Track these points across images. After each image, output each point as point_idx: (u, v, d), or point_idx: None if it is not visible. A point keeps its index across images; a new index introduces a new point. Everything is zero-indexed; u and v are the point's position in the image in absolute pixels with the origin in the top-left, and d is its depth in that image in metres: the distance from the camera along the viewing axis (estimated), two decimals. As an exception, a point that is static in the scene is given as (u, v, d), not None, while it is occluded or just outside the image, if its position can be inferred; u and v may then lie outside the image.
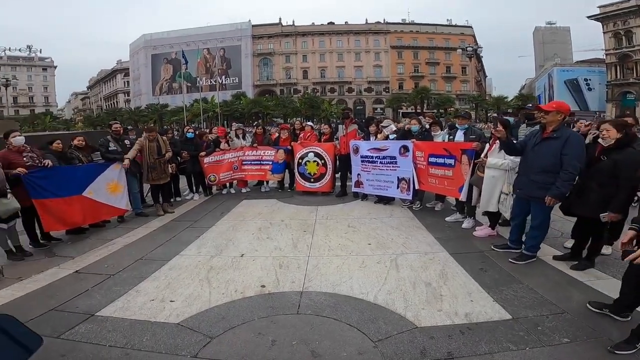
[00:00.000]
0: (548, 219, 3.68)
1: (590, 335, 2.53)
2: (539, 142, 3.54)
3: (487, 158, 4.33)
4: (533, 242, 3.72)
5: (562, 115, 3.47)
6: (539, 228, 3.68)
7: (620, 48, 44.47)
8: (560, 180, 3.35)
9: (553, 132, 3.46)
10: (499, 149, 4.14)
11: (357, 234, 4.85)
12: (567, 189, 3.40)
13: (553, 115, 3.46)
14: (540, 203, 3.49)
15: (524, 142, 3.79)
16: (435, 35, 62.31)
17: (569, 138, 3.37)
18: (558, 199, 3.45)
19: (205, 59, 60.70)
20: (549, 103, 3.72)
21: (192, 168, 7.21)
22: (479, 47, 35.66)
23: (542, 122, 3.59)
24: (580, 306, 2.88)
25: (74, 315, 2.86)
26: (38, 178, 4.48)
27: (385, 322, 2.73)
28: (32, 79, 71.07)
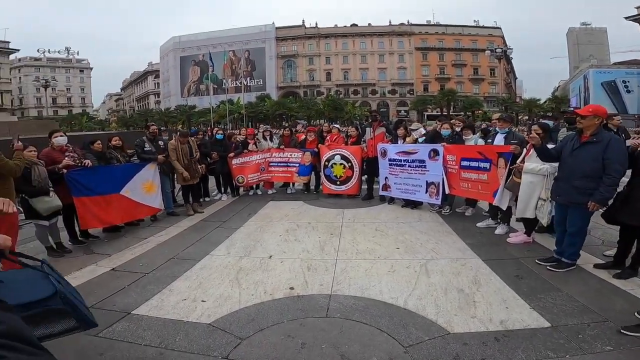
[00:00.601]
0: (587, 225, 3.57)
1: (635, 343, 2.42)
2: (578, 147, 3.44)
3: (525, 163, 4.18)
4: (572, 250, 3.57)
5: (599, 119, 3.39)
6: (577, 234, 3.55)
7: (659, 49, 42.04)
8: (603, 185, 3.24)
9: (592, 136, 3.37)
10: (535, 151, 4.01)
11: (385, 237, 4.80)
12: (611, 194, 3.28)
13: (590, 120, 3.38)
14: (580, 209, 3.38)
15: (560, 147, 3.69)
16: (461, 37, 61.09)
17: (610, 142, 3.27)
18: (602, 204, 3.34)
19: (231, 61, 61.99)
20: (585, 107, 3.62)
21: (221, 169, 7.35)
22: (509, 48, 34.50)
23: (579, 126, 3.50)
24: (624, 314, 2.75)
25: (111, 313, 2.95)
26: (79, 176, 4.69)
27: (416, 327, 2.68)
28: (70, 80, 74.70)
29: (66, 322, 1.79)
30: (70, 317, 1.79)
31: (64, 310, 1.77)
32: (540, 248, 4.29)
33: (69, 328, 1.80)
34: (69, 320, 1.79)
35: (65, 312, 1.77)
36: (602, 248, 4.15)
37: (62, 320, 1.78)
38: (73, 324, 1.81)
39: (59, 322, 1.77)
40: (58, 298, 1.75)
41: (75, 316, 1.80)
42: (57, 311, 1.76)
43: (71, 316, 1.79)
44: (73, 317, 1.79)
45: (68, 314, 1.78)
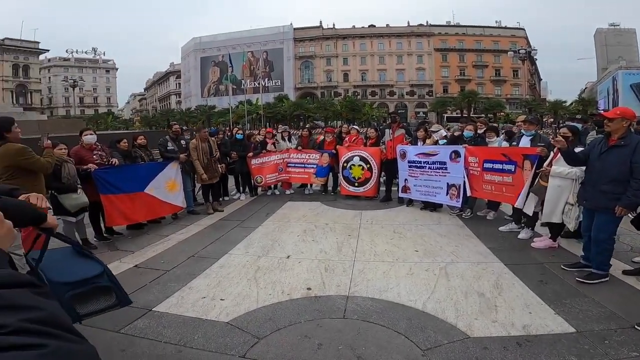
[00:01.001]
0: (614, 232, 3.42)
1: None
2: (605, 150, 3.32)
3: (552, 166, 4.05)
4: (600, 258, 3.40)
5: (627, 121, 3.27)
6: (605, 241, 3.39)
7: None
8: (631, 189, 3.13)
9: (620, 139, 3.25)
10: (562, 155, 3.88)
11: (404, 240, 4.74)
12: (639, 198, 3.15)
13: (617, 122, 3.26)
14: (608, 214, 3.26)
15: (587, 151, 3.57)
16: (483, 38, 59.86)
17: (638, 145, 3.15)
18: (630, 209, 3.24)
19: (250, 62, 62.72)
20: (612, 109, 3.49)
21: (240, 168, 7.45)
22: (533, 49, 33.56)
23: (607, 129, 3.37)
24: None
25: (133, 310, 2.99)
26: (106, 175, 4.85)
27: (434, 330, 2.64)
28: (96, 80, 76.97)
29: (109, 299, 1.91)
30: (111, 294, 1.91)
31: (109, 287, 1.87)
32: (566, 253, 4.15)
33: (110, 305, 1.92)
34: (110, 297, 1.91)
35: (110, 289, 1.88)
36: (631, 254, 4.00)
37: (106, 297, 1.90)
38: (114, 301, 1.92)
39: (103, 299, 1.89)
40: (105, 276, 1.86)
41: (117, 293, 1.90)
42: (104, 288, 1.88)
43: (113, 293, 1.89)
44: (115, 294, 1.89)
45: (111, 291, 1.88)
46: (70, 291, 1.75)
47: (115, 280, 1.93)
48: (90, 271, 1.85)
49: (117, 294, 1.91)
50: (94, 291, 1.84)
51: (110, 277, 1.89)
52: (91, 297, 1.84)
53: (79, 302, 1.78)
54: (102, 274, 1.87)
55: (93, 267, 1.88)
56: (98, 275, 1.86)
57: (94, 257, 1.99)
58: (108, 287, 1.88)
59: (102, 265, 1.90)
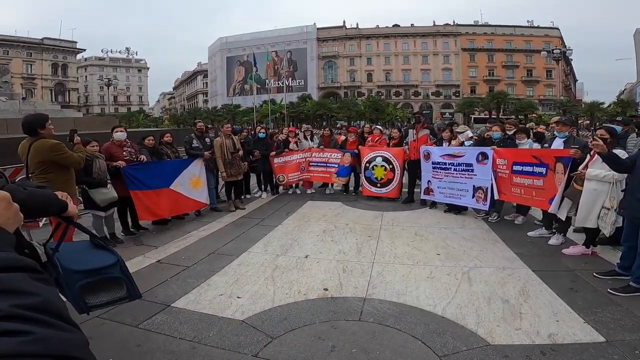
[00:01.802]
0: None
1: None
2: None
3: (588, 169, 3.81)
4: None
5: None
6: None
7: None
8: None
9: None
10: (601, 159, 3.63)
11: (425, 242, 4.63)
12: None
13: None
14: None
15: (634, 157, 3.28)
16: (513, 37, 57.83)
17: None
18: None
19: (274, 62, 63.33)
20: None
21: (262, 167, 7.51)
22: (568, 49, 31.98)
23: None
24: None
25: (152, 305, 3.08)
26: (135, 171, 5.01)
27: (453, 336, 2.55)
28: (129, 79, 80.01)
29: (119, 291, 1.93)
30: (122, 287, 1.93)
31: (121, 279, 1.91)
32: (600, 261, 3.92)
33: (120, 297, 1.94)
34: (121, 289, 1.93)
35: (121, 281, 1.92)
36: None
37: (116, 289, 1.93)
38: (124, 294, 1.94)
39: (113, 290, 1.92)
40: (118, 267, 1.90)
41: (128, 286, 1.93)
42: (115, 280, 1.91)
43: (123, 286, 1.92)
44: (126, 286, 1.93)
45: (122, 283, 1.92)
46: (83, 280, 1.78)
47: (128, 272, 1.96)
48: (104, 261, 1.89)
49: (127, 286, 1.93)
50: (105, 282, 1.87)
51: (122, 269, 1.92)
52: (102, 288, 1.86)
53: (89, 292, 1.81)
54: (115, 264, 1.90)
55: (107, 258, 1.91)
56: (111, 265, 1.89)
57: (110, 248, 2.03)
58: (119, 279, 1.90)
59: (117, 256, 1.93)
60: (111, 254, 1.95)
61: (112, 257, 1.92)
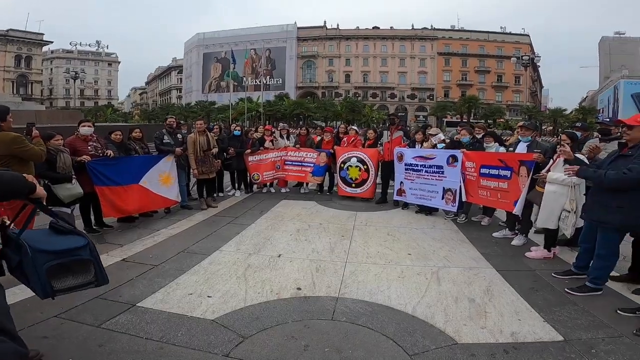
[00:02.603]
0: (616, 248, 3.26)
1: None
2: (613, 160, 3.19)
3: (549, 172, 4.00)
4: (598, 274, 3.29)
5: None
6: (606, 257, 3.25)
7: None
8: (610, 174, 2.99)
9: (630, 149, 3.06)
10: (562, 163, 3.81)
11: (397, 243, 4.71)
12: (596, 179, 3.12)
13: (637, 130, 3.03)
14: (607, 230, 3.16)
15: (600, 163, 3.41)
16: (486, 43, 60.00)
17: None
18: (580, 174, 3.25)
19: (252, 59, 62.69)
20: (633, 116, 3.24)
21: (236, 165, 7.40)
22: (536, 56, 33.52)
23: (625, 138, 3.14)
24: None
25: (116, 305, 2.97)
26: (101, 166, 4.80)
27: (423, 335, 2.61)
28: (98, 73, 77.39)
29: (86, 275, 1.89)
30: (90, 271, 1.89)
31: (90, 262, 1.86)
32: (558, 261, 4.12)
33: (87, 282, 1.90)
34: (88, 273, 1.88)
35: (89, 264, 1.87)
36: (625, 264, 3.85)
37: (84, 273, 1.88)
38: (91, 278, 1.90)
39: (81, 274, 1.87)
40: (88, 249, 1.84)
41: (96, 269, 1.88)
42: (83, 262, 1.87)
43: (91, 269, 1.88)
44: (94, 270, 1.88)
45: (91, 266, 1.87)
46: (52, 261, 1.73)
47: (97, 256, 1.91)
48: (73, 243, 1.84)
49: (96, 270, 1.89)
50: (73, 265, 1.82)
51: (92, 252, 1.87)
52: (69, 272, 1.81)
53: (56, 275, 1.76)
54: (85, 246, 1.85)
55: (76, 240, 1.87)
56: (81, 247, 1.84)
57: (78, 231, 1.97)
58: (87, 262, 1.86)
59: (86, 239, 1.88)
60: (80, 236, 1.90)
61: (82, 239, 1.88)
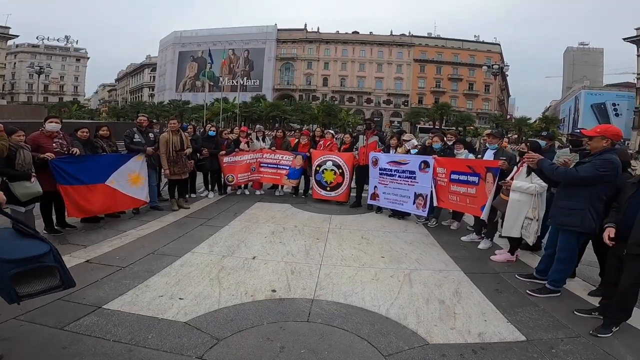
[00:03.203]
0: (575, 251, 3.46)
1: (605, 359, 2.51)
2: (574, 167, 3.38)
3: (513, 181, 4.20)
4: (557, 276, 3.48)
5: (607, 140, 3.15)
6: (565, 261, 3.45)
7: (652, 72, 43.17)
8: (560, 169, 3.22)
9: (589, 157, 3.25)
10: (526, 172, 4.01)
11: (371, 246, 4.79)
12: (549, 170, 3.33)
13: (597, 141, 3.18)
14: (568, 234, 3.34)
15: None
16: (460, 51, 62.06)
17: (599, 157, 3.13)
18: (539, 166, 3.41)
19: (230, 60, 61.82)
20: (593, 127, 3.44)
21: (210, 166, 7.26)
22: (506, 65, 35.15)
23: (588, 148, 3.38)
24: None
25: (80, 307, 2.85)
26: (65, 164, 4.58)
27: (396, 336, 2.67)
28: (65, 68, 74.42)
29: (52, 279, 1.86)
30: (55, 275, 1.87)
31: (55, 267, 1.80)
32: (521, 264, 4.34)
33: (53, 286, 1.86)
34: (54, 278, 1.86)
35: (54, 269, 1.81)
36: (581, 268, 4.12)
37: (49, 277, 1.85)
38: (57, 282, 1.87)
39: (46, 279, 1.84)
40: (51, 255, 1.78)
41: (61, 274, 1.83)
42: (49, 268, 1.83)
43: (57, 274, 1.84)
44: (59, 274, 1.83)
45: (56, 271, 1.82)
46: (14, 269, 1.67)
47: (61, 260, 1.87)
48: (36, 250, 1.79)
49: (61, 274, 1.84)
50: (37, 271, 1.78)
51: (56, 257, 1.81)
52: (34, 277, 1.77)
53: (20, 281, 1.71)
54: (48, 252, 1.80)
55: (39, 246, 1.82)
56: (44, 254, 1.79)
57: (40, 236, 1.91)
58: (52, 268, 1.82)
59: (49, 244, 1.82)
60: (42, 242, 1.85)
61: (44, 245, 1.83)
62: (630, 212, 2.80)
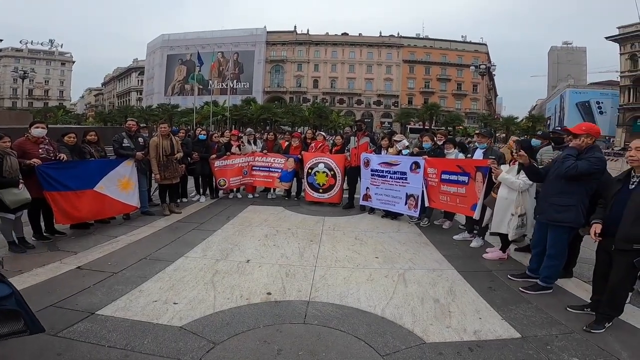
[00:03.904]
0: (566, 246, 3.51)
1: (599, 355, 2.55)
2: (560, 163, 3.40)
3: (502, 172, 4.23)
4: (548, 272, 3.53)
5: (592, 138, 3.27)
6: (556, 257, 3.49)
7: (635, 70, 44.25)
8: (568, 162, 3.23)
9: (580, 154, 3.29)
10: (517, 171, 4.07)
11: (364, 246, 4.80)
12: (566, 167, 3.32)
13: (586, 138, 3.29)
14: (559, 229, 3.39)
15: (548, 167, 3.65)
16: (448, 52, 62.61)
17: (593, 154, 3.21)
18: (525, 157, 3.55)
19: (219, 62, 61.58)
20: (577, 125, 3.52)
21: (201, 170, 7.21)
22: (493, 65, 35.62)
23: (571, 145, 3.40)
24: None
25: (73, 313, 2.81)
26: (52, 170, 4.49)
27: (393, 336, 2.69)
28: (50, 72, 73.17)
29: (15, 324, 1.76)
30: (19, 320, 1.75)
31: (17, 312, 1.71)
32: (514, 263, 4.39)
33: (18, 331, 1.76)
34: (17, 322, 1.75)
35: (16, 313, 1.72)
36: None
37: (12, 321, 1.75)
38: (21, 327, 1.77)
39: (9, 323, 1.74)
40: (13, 298, 1.69)
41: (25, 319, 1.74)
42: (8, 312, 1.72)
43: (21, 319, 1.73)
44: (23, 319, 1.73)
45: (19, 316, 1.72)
46: None
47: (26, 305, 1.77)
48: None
49: (25, 319, 1.76)
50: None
51: (18, 302, 1.73)
52: None
53: None
54: (9, 295, 1.70)
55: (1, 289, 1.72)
56: (5, 297, 1.70)
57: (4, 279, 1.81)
58: (15, 312, 1.73)
59: (11, 288, 1.73)
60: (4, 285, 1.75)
61: (6, 288, 1.74)
62: (616, 208, 2.86)
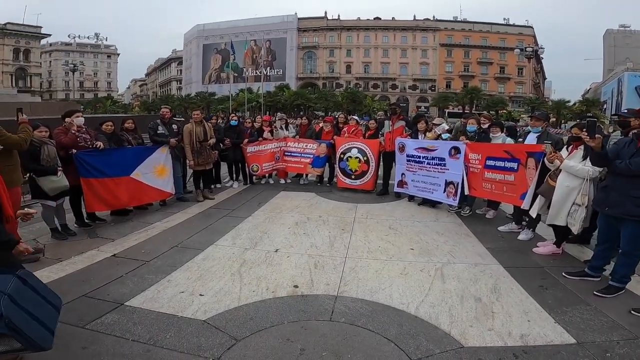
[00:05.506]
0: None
1: None
2: (634, 153, 2.92)
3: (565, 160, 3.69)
4: (625, 271, 3.07)
5: None
6: (631, 254, 3.04)
7: (697, 52, 39.27)
8: None
9: None
10: (582, 157, 3.56)
11: (399, 237, 4.54)
12: None
13: None
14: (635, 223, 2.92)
15: (615, 150, 3.13)
16: (489, 35, 59.42)
17: None
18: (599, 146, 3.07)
19: (252, 50, 62.19)
20: None
21: (233, 156, 7.21)
22: (540, 47, 33.03)
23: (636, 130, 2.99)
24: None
25: (103, 304, 2.83)
26: (89, 157, 4.61)
27: (426, 338, 2.46)
28: (97, 65, 77.34)
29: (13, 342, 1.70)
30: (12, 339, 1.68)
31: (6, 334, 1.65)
32: (569, 258, 3.93)
33: (17, 349, 1.72)
34: (11, 341, 1.69)
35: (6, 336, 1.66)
36: None
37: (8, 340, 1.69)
38: (17, 346, 1.71)
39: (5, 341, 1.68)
40: (3, 322, 1.63)
41: (22, 341, 1.69)
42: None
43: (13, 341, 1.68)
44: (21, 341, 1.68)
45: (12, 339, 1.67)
46: None
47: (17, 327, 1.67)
48: None
49: (21, 341, 1.69)
50: None
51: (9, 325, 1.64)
52: None
53: None
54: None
55: None
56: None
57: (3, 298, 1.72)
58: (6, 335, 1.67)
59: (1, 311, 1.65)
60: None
61: None
62: None
